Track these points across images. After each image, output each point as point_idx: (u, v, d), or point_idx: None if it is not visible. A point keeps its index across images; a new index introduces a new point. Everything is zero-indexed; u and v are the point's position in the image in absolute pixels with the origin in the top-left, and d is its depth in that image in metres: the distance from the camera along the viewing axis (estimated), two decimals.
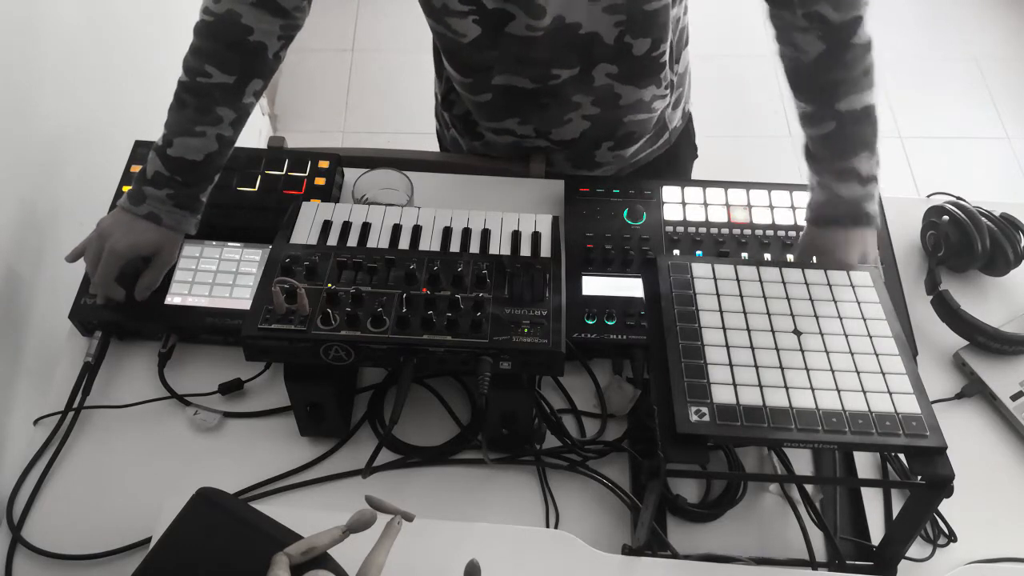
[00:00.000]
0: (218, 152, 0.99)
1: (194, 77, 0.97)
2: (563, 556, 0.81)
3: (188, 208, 1.00)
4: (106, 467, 0.94)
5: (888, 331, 0.83)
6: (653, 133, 1.23)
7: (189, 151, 0.97)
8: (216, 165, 1.00)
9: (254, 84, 0.99)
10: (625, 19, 1.00)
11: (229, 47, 0.97)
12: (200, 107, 0.97)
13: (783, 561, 0.86)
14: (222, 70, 0.96)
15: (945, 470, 0.73)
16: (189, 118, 0.97)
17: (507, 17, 0.98)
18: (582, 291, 1.03)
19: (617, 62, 1.05)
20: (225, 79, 0.97)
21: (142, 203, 0.98)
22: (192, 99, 0.97)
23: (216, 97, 0.97)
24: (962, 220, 1.06)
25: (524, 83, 1.08)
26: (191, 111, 0.97)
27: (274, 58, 1.00)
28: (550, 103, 1.11)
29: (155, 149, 0.99)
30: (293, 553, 0.65)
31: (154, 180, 0.98)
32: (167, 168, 0.97)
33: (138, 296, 1.00)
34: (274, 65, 1.01)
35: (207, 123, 0.97)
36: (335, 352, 0.83)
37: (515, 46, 1.02)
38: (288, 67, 2.73)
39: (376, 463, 0.85)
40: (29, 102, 1.16)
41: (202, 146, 0.98)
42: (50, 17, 1.21)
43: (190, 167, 0.98)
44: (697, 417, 0.74)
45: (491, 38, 1.02)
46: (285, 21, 0.99)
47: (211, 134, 0.98)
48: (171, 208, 0.98)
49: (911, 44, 2.87)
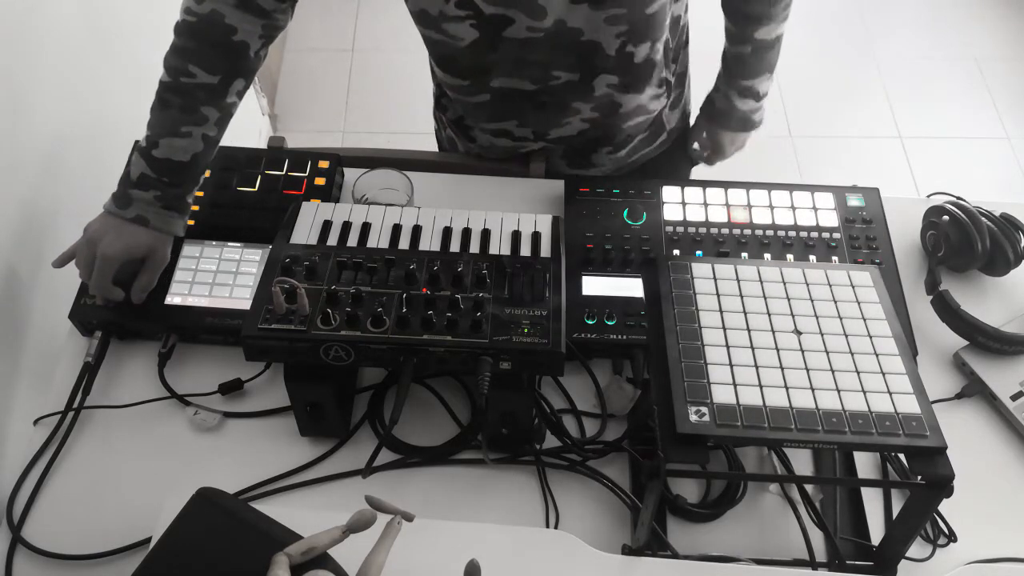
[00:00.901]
0: (204, 152, 0.99)
1: (177, 77, 0.96)
2: (563, 556, 0.81)
3: (175, 209, 0.99)
4: (106, 467, 0.94)
5: (888, 331, 0.83)
6: (649, 133, 1.23)
7: (176, 152, 0.97)
8: (202, 166, 1.00)
9: (237, 84, 0.99)
10: (627, 28, 1.00)
11: (213, 47, 0.97)
12: (185, 107, 0.97)
13: (783, 561, 0.86)
14: (206, 70, 0.96)
15: (945, 470, 0.73)
16: (174, 119, 0.97)
17: (506, 22, 0.98)
18: (582, 291, 1.03)
19: (618, 72, 1.06)
20: (209, 79, 0.97)
21: (129, 206, 0.97)
22: (176, 99, 0.97)
23: (200, 97, 0.97)
24: (962, 220, 1.06)
25: (524, 84, 1.08)
26: (176, 111, 0.97)
27: (255, 57, 1.00)
28: (548, 103, 1.11)
29: (139, 150, 0.98)
30: (293, 553, 0.65)
31: (140, 182, 0.97)
32: (153, 169, 0.97)
33: (135, 299, 1.00)
34: (255, 65, 1.01)
35: (192, 123, 0.97)
36: (335, 352, 0.83)
37: (515, 49, 1.02)
38: (288, 67, 2.74)
39: (376, 463, 0.85)
40: (29, 102, 1.16)
41: (188, 146, 0.97)
42: (50, 17, 1.21)
43: (177, 168, 0.98)
44: (697, 417, 0.74)
45: (490, 42, 1.02)
46: (267, 21, 0.99)
47: (197, 134, 0.97)
48: (159, 210, 0.98)
49: (911, 44, 2.87)
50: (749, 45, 1.12)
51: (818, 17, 2.88)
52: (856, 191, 1.14)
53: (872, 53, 2.85)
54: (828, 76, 2.73)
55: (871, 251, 1.08)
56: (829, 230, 1.10)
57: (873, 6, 2.98)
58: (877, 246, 1.08)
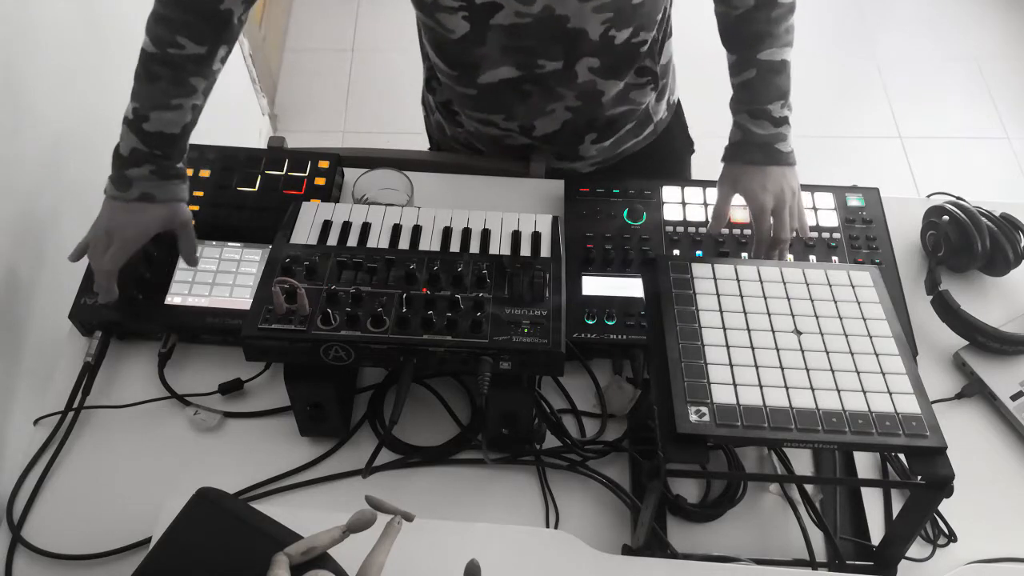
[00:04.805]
0: (191, 122, 0.99)
1: (165, 48, 0.94)
2: (563, 556, 0.81)
3: (174, 177, 0.99)
4: (106, 467, 0.94)
5: (888, 331, 0.83)
6: (636, 123, 1.23)
7: (167, 124, 0.96)
8: (188, 134, 1.00)
9: (222, 51, 0.98)
10: (612, 15, 1.01)
11: (201, 17, 0.95)
12: (174, 79, 0.95)
13: (783, 561, 0.86)
14: (195, 41, 0.95)
15: (945, 470, 0.73)
16: (164, 91, 0.95)
17: (495, 8, 0.99)
18: (582, 291, 1.03)
19: (600, 55, 1.06)
20: (198, 50, 0.95)
21: (130, 187, 0.96)
22: (165, 71, 0.95)
23: (189, 69, 0.96)
24: (962, 220, 1.06)
25: (510, 72, 1.08)
26: (165, 83, 0.95)
27: (238, 23, 0.99)
28: (533, 92, 1.11)
29: (127, 124, 0.96)
30: (293, 553, 0.65)
31: (132, 158, 0.96)
32: (145, 143, 0.96)
33: (189, 263, 1.01)
34: (238, 30, 1.00)
35: (182, 95, 0.96)
36: (335, 352, 0.83)
37: (503, 37, 1.02)
38: (288, 67, 2.74)
39: (376, 463, 0.85)
40: (29, 101, 1.16)
41: (178, 119, 0.97)
42: (49, 16, 1.21)
43: (169, 140, 0.97)
44: (697, 417, 0.74)
45: (479, 34, 1.02)
46: None
47: (187, 105, 0.97)
48: (159, 182, 0.97)
49: (911, 44, 2.87)
50: (754, 68, 1.03)
51: (818, 17, 2.89)
52: (856, 191, 1.14)
53: (872, 53, 2.85)
54: (828, 76, 2.73)
55: (871, 251, 1.08)
56: (829, 230, 1.10)
57: (873, 6, 2.98)
58: (877, 246, 1.08)
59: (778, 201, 1.01)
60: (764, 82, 1.03)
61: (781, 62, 1.03)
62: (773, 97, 1.03)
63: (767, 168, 1.02)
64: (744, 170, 1.03)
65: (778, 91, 1.03)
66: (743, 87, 1.05)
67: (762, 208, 1.00)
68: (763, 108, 1.03)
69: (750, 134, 1.04)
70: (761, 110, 1.03)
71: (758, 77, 1.03)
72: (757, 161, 1.03)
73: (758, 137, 1.03)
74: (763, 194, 1.01)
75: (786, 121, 1.04)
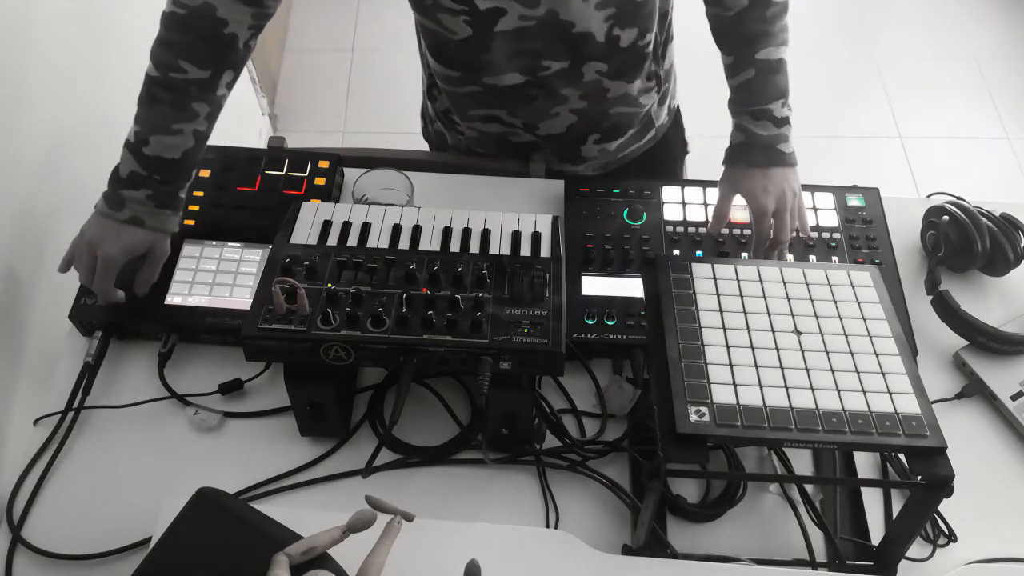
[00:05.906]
0: (194, 148, 0.97)
1: (167, 72, 0.94)
2: (563, 556, 0.81)
3: (169, 207, 0.98)
4: (106, 467, 0.94)
5: (888, 331, 0.83)
6: (639, 128, 1.23)
7: (167, 149, 0.95)
8: (193, 161, 0.99)
9: (227, 76, 0.98)
10: (615, 11, 1.00)
11: (203, 41, 0.95)
12: (176, 103, 0.95)
13: (783, 561, 0.86)
14: (197, 65, 0.94)
15: (945, 470, 0.73)
16: (165, 115, 0.95)
17: (499, 13, 0.98)
18: (582, 291, 1.03)
19: (607, 59, 1.06)
20: (200, 74, 0.95)
21: (122, 208, 0.96)
22: (167, 95, 0.95)
23: (192, 93, 0.95)
24: (962, 220, 1.06)
25: (514, 79, 1.08)
26: (166, 107, 0.95)
27: (245, 49, 0.98)
28: (539, 96, 1.11)
29: (128, 147, 0.96)
30: (293, 553, 0.65)
31: (131, 181, 0.96)
32: (144, 167, 0.95)
33: (138, 292, 1.00)
34: (245, 56, 0.99)
35: (184, 120, 0.95)
36: (335, 352, 0.83)
37: (508, 43, 1.02)
38: (288, 67, 2.74)
39: (376, 463, 0.85)
40: (28, 102, 1.16)
41: (179, 143, 0.96)
42: (49, 16, 1.21)
43: (168, 165, 0.96)
44: (697, 417, 0.74)
45: (482, 40, 1.02)
46: (257, 10, 0.97)
47: (188, 131, 0.96)
48: (152, 209, 0.97)
49: (911, 44, 2.87)
50: (752, 68, 1.02)
51: (818, 17, 2.89)
52: (856, 191, 1.14)
53: (872, 53, 2.85)
54: (828, 76, 2.73)
55: (871, 251, 1.08)
56: (829, 230, 1.10)
57: (873, 5, 2.98)
58: (877, 246, 1.08)
59: (779, 203, 1.01)
60: (763, 82, 1.03)
61: (778, 61, 1.03)
62: (773, 97, 1.03)
63: (769, 170, 1.02)
64: (746, 172, 1.03)
65: (777, 90, 1.03)
66: (742, 88, 1.04)
67: (763, 210, 1.01)
68: (764, 108, 1.02)
69: (752, 136, 1.03)
70: (762, 110, 1.03)
71: (757, 77, 1.02)
72: (759, 163, 1.03)
73: (760, 138, 1.03)
74: (764, 196, 1.01)
75: (787, 121, 1.04)
